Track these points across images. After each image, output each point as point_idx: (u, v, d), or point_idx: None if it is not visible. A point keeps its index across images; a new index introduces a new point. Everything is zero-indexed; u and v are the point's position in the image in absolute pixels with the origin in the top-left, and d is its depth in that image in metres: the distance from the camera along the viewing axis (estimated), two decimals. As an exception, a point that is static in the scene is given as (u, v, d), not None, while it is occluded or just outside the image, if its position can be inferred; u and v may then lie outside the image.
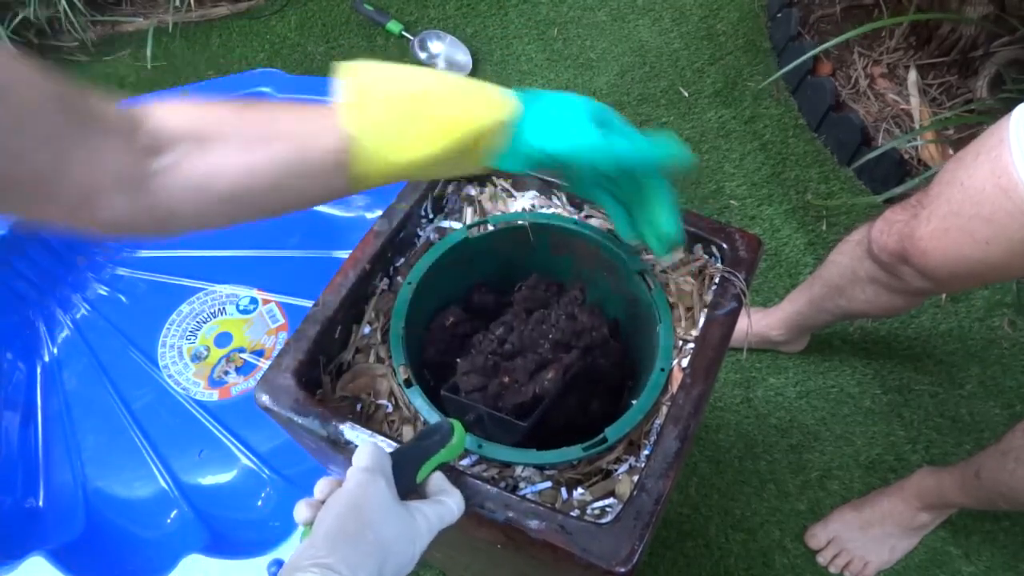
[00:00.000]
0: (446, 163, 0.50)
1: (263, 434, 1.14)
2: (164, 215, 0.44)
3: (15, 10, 1.60)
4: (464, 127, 0.49)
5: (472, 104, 0.50)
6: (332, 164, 0.47)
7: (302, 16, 1.77)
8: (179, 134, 0.43)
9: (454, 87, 0.50)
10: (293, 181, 0.47)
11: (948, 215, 0.73)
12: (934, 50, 1.50)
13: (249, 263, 1.34)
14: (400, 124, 0.48)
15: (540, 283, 0.70)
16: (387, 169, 0.48)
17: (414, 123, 0.48)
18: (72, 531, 1.06)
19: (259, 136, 0.46)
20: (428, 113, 0.48)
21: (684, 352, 0.63)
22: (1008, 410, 1.22)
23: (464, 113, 0.49)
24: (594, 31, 1.72)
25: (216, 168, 0.44)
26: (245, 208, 0.47)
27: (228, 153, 0.44)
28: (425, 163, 0.49)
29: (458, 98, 0.49)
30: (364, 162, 0.47)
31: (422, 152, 0.48)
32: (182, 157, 0.43)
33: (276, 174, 0.46)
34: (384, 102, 0.48)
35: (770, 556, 1.11)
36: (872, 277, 0.91)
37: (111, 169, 0.41)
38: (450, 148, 0.49)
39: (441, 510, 0.48)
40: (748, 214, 1.43)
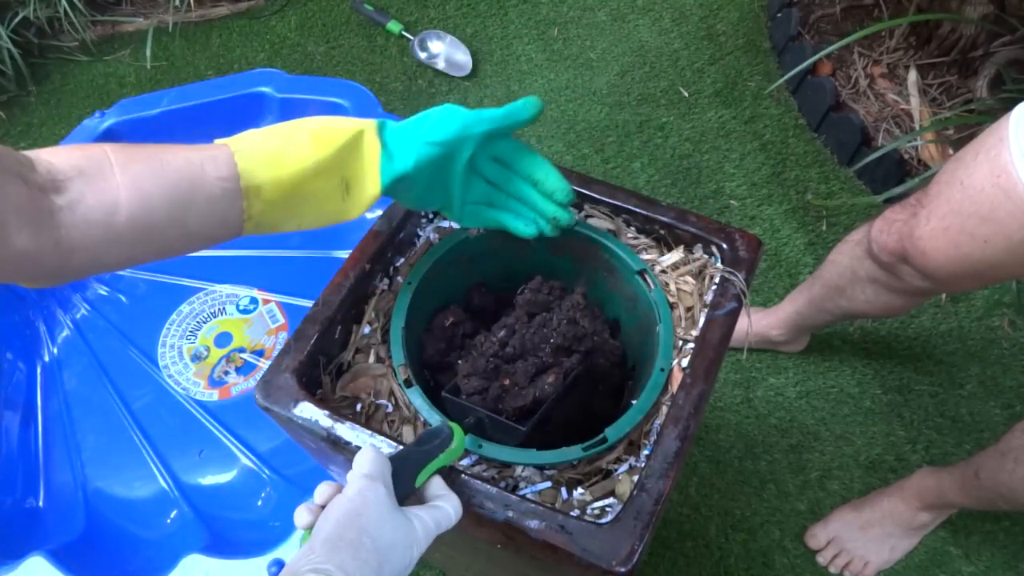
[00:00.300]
0: (332, 171, 0.52)
1: (263, 434, 1.14)
2: (67, 250, 0.44)
3: (15, 10, 1.60)
4: (338, 130, 0.52)
5: (340, 119, 0.54)
6: (221, 192, 0.48)
7: (302, 16, 1.77)
8: (72, 173, 0.44)
9: (322, 117, 0.54)
10: (188, 213, 0.47)
11: (947, 214, 0.73)
12: (934, 50, 1.50)
13: (249, 263, 1.34)
14: (279, 140, 0.51)
15: (543, 286, 0.69)
16: (276, 188, 0.50)
17: (291, 138, 0.51)
18: (72, 531, 1.06)
19: (150, 170, 0.46)
20: (303, 128, 0.52)
21: (684, 352, 0.63)
22: (1008, 410, 1.22)
23: (335, 121, 0.53)
24: (594, 31, 1.72)
25: (113, 202, 0.45)
26: (144, 243, 0.47)
27: (123, 187, 0.45)
28: (311, 172, 0.51)
29: (326, 119, 0.54)
30: (251, 177, 0.49)
31: (304, 161, 0.50)
32: (80, 194, 0.44)
33: (170, 205, 0.46)
34: (262, 131, 0.52)
35: (770, 556, 1.11)
36: (872, 277, 0.91)
37: (13, 203, 0.41)
38: (329, 153, 0.51)
39: (438, 515, 0.48)
40: (748, 214, 1.43)
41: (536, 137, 1.55)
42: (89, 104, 1.63)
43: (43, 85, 1.67)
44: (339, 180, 0.53)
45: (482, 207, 0.62)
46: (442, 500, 0.49)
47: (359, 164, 0.54)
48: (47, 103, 1.64)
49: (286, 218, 0.53)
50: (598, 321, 0.67)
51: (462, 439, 0.52)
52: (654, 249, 0.70)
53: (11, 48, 1.58)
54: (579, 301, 0.66)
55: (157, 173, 0.46)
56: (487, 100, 1.61)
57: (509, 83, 1.64)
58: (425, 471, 0.50)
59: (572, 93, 1.62)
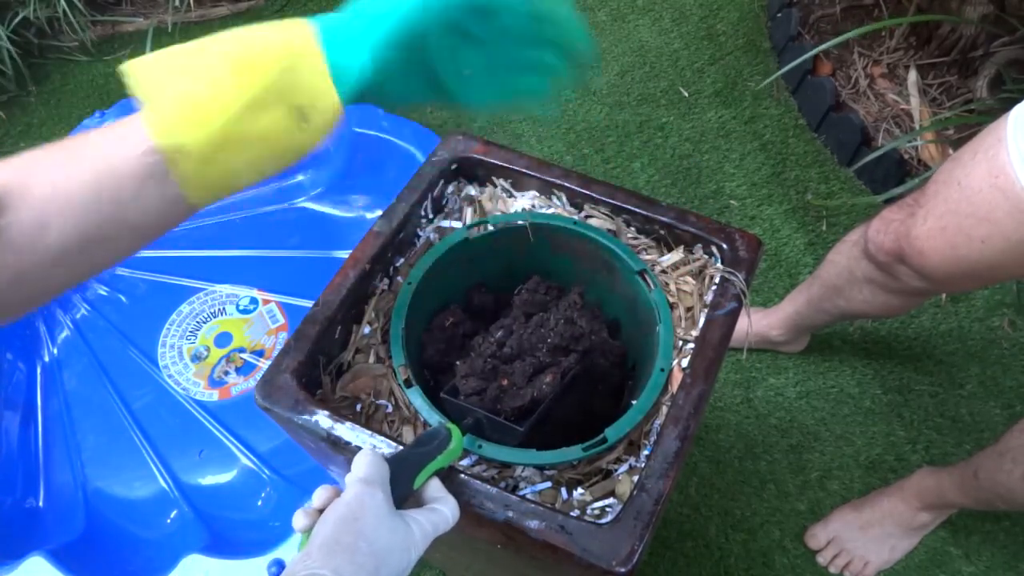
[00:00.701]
0: (272, 105, 0.42)
1: (263, 434, 1.14)
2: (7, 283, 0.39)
3: (15, 10, 1.60)
4: (263, 52, 0.42)
5: (262, 31, 0.44)
6: (148, 170, 0.40)
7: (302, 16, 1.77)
8: (7, 189, 0.39)
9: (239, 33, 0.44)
10: (123, 209, 0.41)
11: (945, 214, 0.73)
12: (934, 50, 1.50)
13: (249, 263, 1.34)
14: (194, 83, 0.41)
15: (540, 286, 0.70)
16: (204, 145, 0.41)
17: (209, 76, 0.41)
18: (72, 531, 1.06)
19: (67, 172, 0.40)
20: (220, 53, 0.42)
21: (684, 352, 0.63)
22: (1008, 410, 1.22)
23: (257, 38, 0.43)
24: (594, 31, 1.72)
25: (39, 221, 0.39)
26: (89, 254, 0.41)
27: (42, 200, 0.39)
28: (244, 114, 0.41)
29: (245, 34, 0.43)
30: (170, 139, 0.40)
31: (232, 105, 0.41)
32: (13, 212, 0.39)
33: (99, 205, 0.40)
34: (169, 64, 0.42)
35: (770, 556, 1.11)
36: (869, 277, 0.91)
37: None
38: (261, 86, 0.41)
39: (436, 518, 0.48)
40: (748, 214, 1.43)
41: (536, 137, 1.55)
42: (89, 104, 1.63)
43: (43, 85, 1.67)
44: (286, 110, 0.42)
45: (486, 77, 0.48)
46: (440, 503, 0.49)
47: (305, 87, 0.43)
48: (47, 103, 1.64)
49: (233, 171, 0.43)
50: (596, 321, 0.67)
51: (460, 440, 0.52)
52: (654, 249, 0.70)
53: (11, 48, 1.58)
54: (576, 301, 0.66)
55: (74, 173, 0.40)
56: (487, 100, 1.61)
57: (509, 83, 1.63)
58: (423, 473, 0.50)
59: (572, 93, 1.62)
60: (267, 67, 0.42)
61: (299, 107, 0.43)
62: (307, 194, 1.44)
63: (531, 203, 0.72)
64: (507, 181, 0.73)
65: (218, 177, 0.43)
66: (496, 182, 0.74)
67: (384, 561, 0.43)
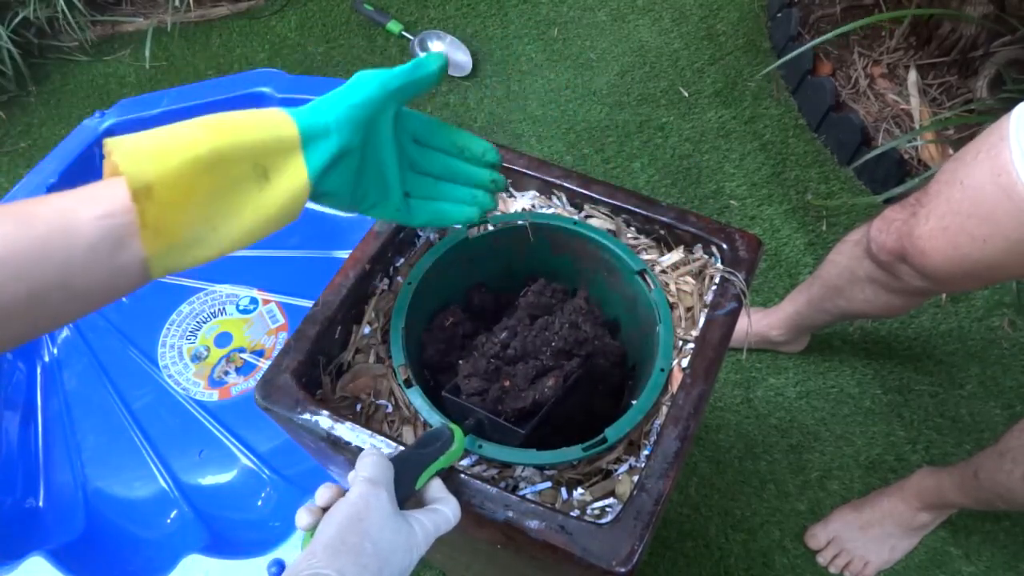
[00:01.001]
0: (238, 158, 0.43)
1: (263, 434, 1.14)
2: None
3: (15, 10, 1.60)
4: (237, 116, 0.44)
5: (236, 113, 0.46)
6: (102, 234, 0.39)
7: (302, 16, 1.77)
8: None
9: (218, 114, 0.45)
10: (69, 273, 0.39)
11: (947, 214, 0.73)
12: (934, 50, 1.50)
13: (249, 263, 1.34)
14: (167, 132, 0.43)
15: (546, 288, 0.70)
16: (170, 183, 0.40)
17: (182, 128, 0.43)
18: (72, 531, 1.06)
19: (15, 232, 0.38)
20: (199, 120, 0.44)
21: (684, 352, 0.63)
22: (1008, 410, 1.22)
23: (234, 112, 0.45)
24: (594, 31, 1.72)
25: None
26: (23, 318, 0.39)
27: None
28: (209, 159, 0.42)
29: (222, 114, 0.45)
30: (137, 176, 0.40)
31: (198, 147, 0.42)
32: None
33: (43, 269, 0.38)
34: (151, 130, 0.43)
35: (770, 556, 1.11)
36: (871, 277, 0.91)
37: None
38: (230, 138, 0.43)
39: (438, 519, 0.48)
40: (748, 214, 1.43)
41: (536, 137, 1.55)
42: (89, 104, 1.63)
43: (43, 85, 1.67)
44: (250, 166, 0.43)
45: (423, 200, 0.57)
46: (441, 503, 0.49)
47: (272, 146, 0.44)
48: (47, 103, 1.64)
49: (194, 223, 0.42)
50: (599, 325, 0.67)
51: (462, 441, 0.52)
52: (654, 249, 0.70)
53: (11, 48, 1.58)
54: (581, 305, 0.66)
55: (22, 236, 0.38)
56: (487, 100, 1.61)
57: (509, 83, 1.64)
58: (425, 473, 0.50)
59: (572, 93, 1.62)
60: (237, 127, 0.44)
61: (265, 168, 0.44)
62: (307, 194, 1.43)
63: (531, 203, 0.72)
64: (507, 181, 0.73)
65: (179, 226, 0.42)
66: (496, 182, 0.74)
67: (388, 561, 0.43)
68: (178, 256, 0.42)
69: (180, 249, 0.42)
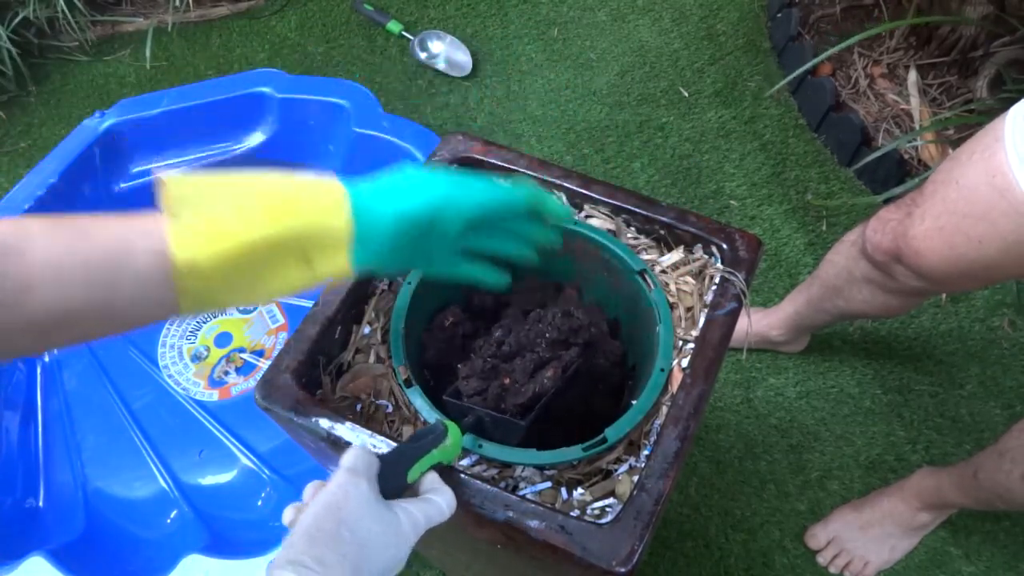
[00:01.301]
0: (289, 248, 0.44)
1: (263, 434, 1.14)
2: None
3: (15, 10, 1.60)
4: (297, 201, 0.44)
5: (301, 183, 0.46)
6: (152, 268, 0.41)
7: (302, 16, 1.77)
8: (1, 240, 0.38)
9: (274, 175, 0.46)
10: (112, 294, 0.40)
11: (942, 214, 0.73)
12: (934, 50, 1.50)
13: (249, 263, 1.34)
14: (224, 207, 0.43)
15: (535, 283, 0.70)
16: (217, 264, 0.42)
17: (240, 204, 0.43)
18: (72, 531, 1.06)
19: (71, 246, 0.40)
20: (257, 190, 0.44)
21: (684, 352, 0.63)
22: (1008, 410, 1.22)
23: (295, 188, 0.45)
24: (594, 31, 1.72)
25: (25, 283, 0.38)
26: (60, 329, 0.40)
27: (38, 264, 0.39)
28: (262, 247, 0.43)
29: (285, 181, 0.46)
30: (186, 250, 0.41)
31: (252, 234, 0.42)
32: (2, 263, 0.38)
33: (89, 285, 0.40)
34: (209, 188, 0.44)
35: (770, 556, 1.11)
36: (867, 277, 0.91)
37: None
38: (285, 228, 0.43)
39: (428, 508, 0.47)
40: (748, 214, 1.43)
41: (536, 137, 1.55)
42: (89, 104, 1.63)
43: (43, 85, 1.67)
44: (298, 254, 0.44)
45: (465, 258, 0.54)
46: (434, 494, 0.49)
47: (322, 239, 0.45)
48: (47, 103, 1.64)
49: (230, 296, 0.44)
50: (594, 313, 0.67)
51: (458, 436, 0.52)
52: (654, 249, 0.70)
53: (11, 48, 1.58)
54: (573, 295, 0.66)
55: (78, 249, 0.40)
56: (487, 100, 1.61)
57: (509, 83, 1.64)
58: (418, 466, 0.49)
59: (572, 93, 1.62)
60: (293, 209, 0.44)
61: (311, 257, 0.45)
62: (307, 194, 1.44)
63: (531, 203, 0.72)
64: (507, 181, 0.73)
65: (215, 298, 0.44)
66: (496, 182, 0.74)
67: (369, 551, 0.43)
68: (205, 308, 0.44)
69: (210, 305, 0.44)
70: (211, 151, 1.40)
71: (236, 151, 1.41)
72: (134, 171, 1.38)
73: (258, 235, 0.42)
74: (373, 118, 1.34)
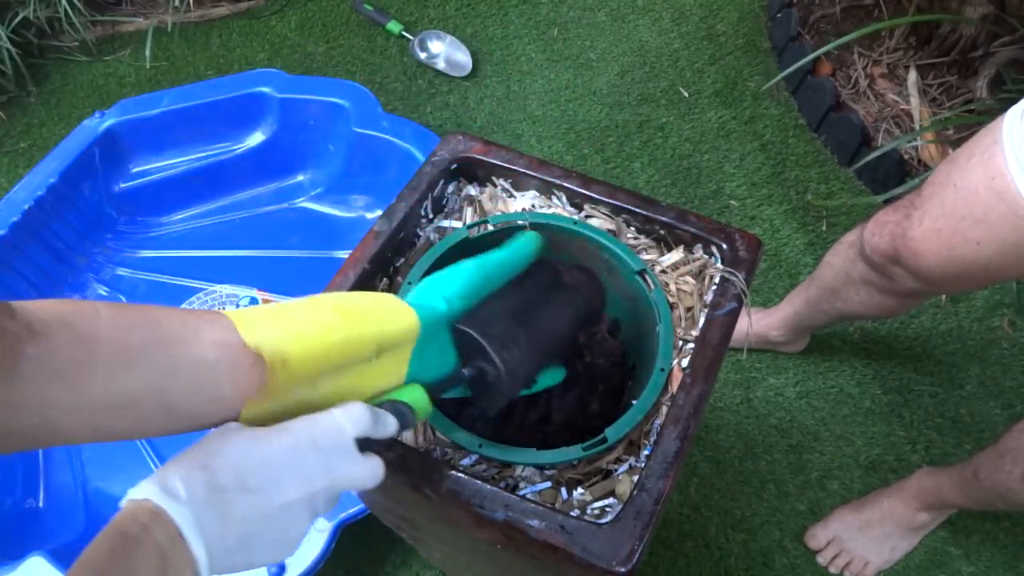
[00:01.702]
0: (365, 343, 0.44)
1: (263, 434, 1.13)
2: (15, 407, 0.35)
3: (15, 10, 1.60)
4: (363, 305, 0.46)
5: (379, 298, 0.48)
6: (216, 357, 0.40)
7: (302, 16, 1.77)
8: (55, 324, 0.36)
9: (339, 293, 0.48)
10: (171, 380, 0.39)
11: (941, 216, 0.73)
12: (934, 50, 1.50)
13: (249, 263, 1.34)
14: (300, 311, 0.44)
15: None
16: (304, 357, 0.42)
17: (317, 308, 0.44)
18: (72, 531, 1.06)
19: (137, 326, 0.39)
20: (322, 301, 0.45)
21: (684, 352, 0.63)
22: (1008, 410, 1.22)
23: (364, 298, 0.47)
24: (594, 31, 1.72)
25: (88, 359, 0.37)
26: (111, 412, 0.38)
27: (104, 342, 0.37)
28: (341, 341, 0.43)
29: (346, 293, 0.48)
30: (273, 344, 0.41)
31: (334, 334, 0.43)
32: (56, 346, 0.36)
33: (151, 368, 0.38)
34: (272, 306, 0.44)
35: (770, 556, 1.11)
36: (865, 279, 0.91)
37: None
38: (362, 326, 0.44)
39: (319, 423, 0.40)
40: (748, 214, 1.43)
41: (536, 137, 1.55)
42: (89, 104, 1.63)
43: (43, 85, 1.67)
44: (373, 349, 0.45)
45: None
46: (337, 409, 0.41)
47: (400, 334, 0.47)
48: (47, 103, 1.64)
49: (306, 392, 0.43)
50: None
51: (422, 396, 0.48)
52: (654, 249, 0.70)
53: (11, 48, 1.58)
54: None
55: (144, 329, 0.38)
56: (487, 100, 1.61)
57: (509, 83, 1.64)
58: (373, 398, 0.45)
59: (572, 93, 1.62)
60: (366, 316, 0.45)
61: (382, 348, 0.45)
62: (307, 194, 1.44)
63: (531, 203, 0.72)
64: (507, 181, 0.73)
65: (293, 391, 0.42)
66: (496, 182, 0.74)
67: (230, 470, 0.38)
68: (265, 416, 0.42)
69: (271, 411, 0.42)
70: (211, 151, 1.40)
71: (236, 151, 1.41)
72: (134, 171, 1.38)
73: (337, 335, 0.43)
74: (373, 118, 1.34)
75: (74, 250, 1.31)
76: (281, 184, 1.44)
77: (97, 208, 1.35)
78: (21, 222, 1.22)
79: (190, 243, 1.37)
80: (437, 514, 0.57)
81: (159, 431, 0.41)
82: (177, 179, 1.39)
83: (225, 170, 1.41)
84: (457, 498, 0.52)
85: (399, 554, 1.06)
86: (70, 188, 1.29)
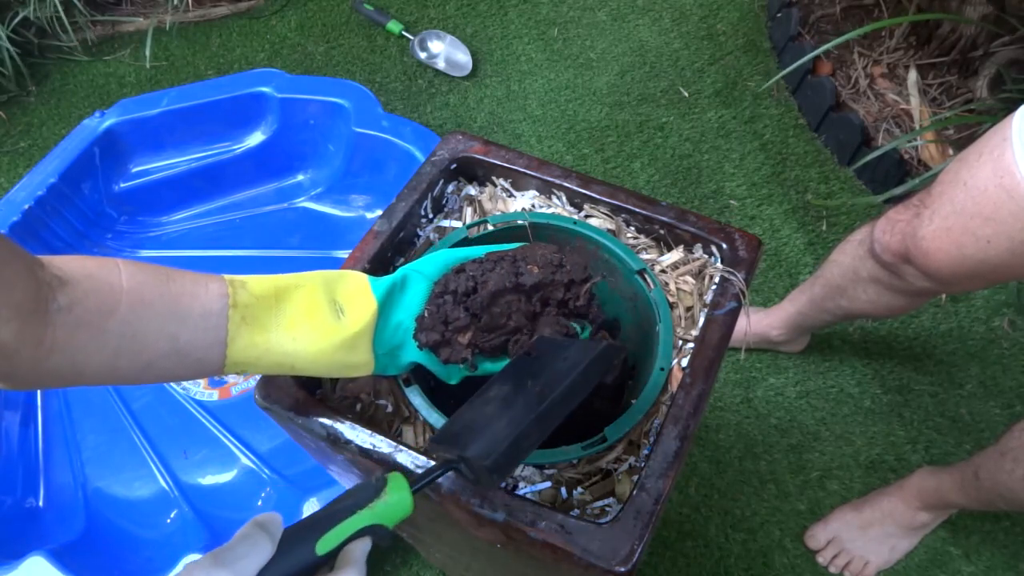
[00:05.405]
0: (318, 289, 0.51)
1: (263, 434, 1.14)
2: (47, 350, 0.40)
3: (15, 10, 1.60)
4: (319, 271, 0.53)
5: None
6: (219, 308, 0.47)
7: (302, 16, 1.77)
8: (80, 276, 0.42)
9: None
10: (182, 326, 0.45)
11: (951, 214, 0.73)
12: (934, 50, 1.50)
13: (249, 263, 1.34)
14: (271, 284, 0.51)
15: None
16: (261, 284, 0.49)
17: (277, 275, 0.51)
18: (72, 531, 1.06)
19: (155, 280, 0.45)
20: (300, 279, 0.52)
21: (684, 352, 0.63)
22: (1008, 410, 1.22)
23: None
24: (594, 31, 1.72)
25: (111, 306, 0.42)
26: (129, 353, 0.44)
27: (125, 292, 0.43)
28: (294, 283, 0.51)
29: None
30: (236, 281, 0.49)
31: (287, 279, 0.51)
32: (83, 295, 0.41)
33: (165, 316, 0.45)
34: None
35: (770, 556, 1.11)
36: (874, 277, 0.91)
37: (12, 296, 0.38)
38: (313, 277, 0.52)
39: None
40: (748, 214, 1.43)
41: (536, 137, 1.55)
42: (89, 104, 1.63)
43: (43, 85, 1.67)
44: (327, 299, 0.51)
45: None
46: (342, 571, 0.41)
47: (347, 289, 0.53)
48: (47, 103, 1.64)
49: (275, 318, 0.49)
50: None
51: (404, 490, 0.44)
52: (654, 249, 0.70)
53: (11, 48, 1.58)
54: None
55: (161, 283, 0.45)
56: (487, 100, 1.61)
57: (509, 83, 1.64)
58: (336, 532, 0.41)
59: (572, 93, 1.62)
60: (316, 274, 0.53)
61: (339, 303, 0.52)
62: (307, 194, 1.44)
63: (531, 203, 0.72)
64: (507, 181, 0.73)
65: (262, 320, 0.49)
66: (496, 182, 0.74)
67: None
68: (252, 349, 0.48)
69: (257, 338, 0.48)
70: (211, 151, 1.40)
71: (236, 151, 1.41)
72: (134, 171, 1.38)
73: (291, 279, 0.51)
74: (373, 118, 1.34)
75: (74, 250, 1.31)
76: (281, 184, 1.44)
77: (97, 208, 1.35)
78: (21, 222, 1.22)
79: (190, 243, 1.37)
80: (437, 514, 0.57)
81: (167, 374, 0.46)
82: (177, 179, 1.39)
83: (225, 170, 1.41)
84: (457, 498, 0.52)
85: (399, 554, 1.06)
86: (70, 188, 1.29)
